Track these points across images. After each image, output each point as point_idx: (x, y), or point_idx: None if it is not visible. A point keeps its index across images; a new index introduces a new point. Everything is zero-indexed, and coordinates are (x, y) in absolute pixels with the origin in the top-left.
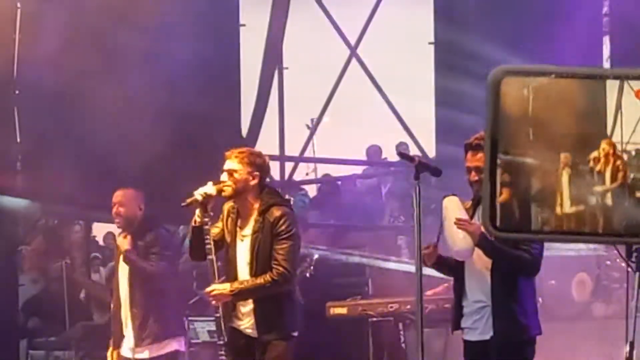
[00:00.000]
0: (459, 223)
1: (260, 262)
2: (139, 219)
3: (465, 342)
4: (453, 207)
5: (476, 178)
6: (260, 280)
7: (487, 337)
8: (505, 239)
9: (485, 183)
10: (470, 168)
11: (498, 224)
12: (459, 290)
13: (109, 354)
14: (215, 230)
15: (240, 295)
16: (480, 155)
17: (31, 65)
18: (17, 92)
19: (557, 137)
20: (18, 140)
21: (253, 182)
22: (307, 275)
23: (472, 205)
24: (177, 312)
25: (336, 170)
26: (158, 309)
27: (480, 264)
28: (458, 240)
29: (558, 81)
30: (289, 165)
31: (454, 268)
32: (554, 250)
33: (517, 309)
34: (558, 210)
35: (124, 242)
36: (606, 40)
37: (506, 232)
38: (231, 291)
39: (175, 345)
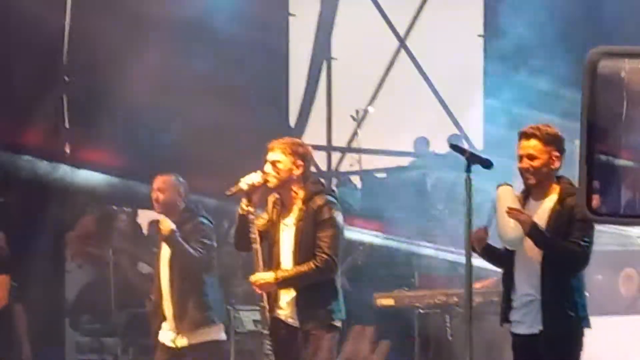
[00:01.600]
0: (511, 212)
1: (303, 250)
2: (180, 206)
3: (514, 335)
4: (506, 197)
5: (527, 166)
6: (304, 267)
7: (536, 330)
8: (601, 223)
9: (582, 167)
10: (522, 155)
11: (594, 208)
12: (508, 283)
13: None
14: (260, 221)
15: (285, 283)
16: (534, 142)
17: (81, 52)
18: (66, 78)
19: None
20: (67, 125)
21: (297, 172)
22: (360, 262)
23: (523, 195)
24: (217, 301)
25: (382, 162)
26: (197, 297)
27: (530, 256)
28: (509, 229)
29: None
30: (335, 156)
31: (503, 260)
32: (599, 245)
33: (566, 303)
34: None
35: (168, 223)
36: None
37: (602, 215)
38: (276, 279)
39: (213, 334)
